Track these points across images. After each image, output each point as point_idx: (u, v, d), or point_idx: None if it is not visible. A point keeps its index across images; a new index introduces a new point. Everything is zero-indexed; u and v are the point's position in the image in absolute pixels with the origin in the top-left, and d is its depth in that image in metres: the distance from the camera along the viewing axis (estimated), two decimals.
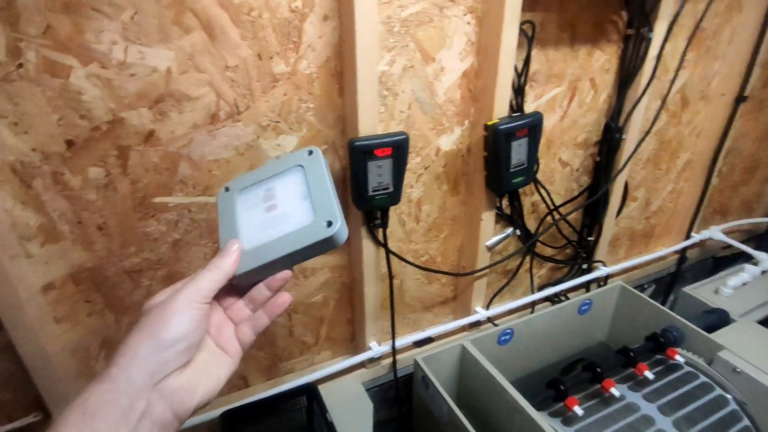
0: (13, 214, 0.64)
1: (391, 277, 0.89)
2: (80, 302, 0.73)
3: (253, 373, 0.94)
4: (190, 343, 0.41)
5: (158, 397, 0.38)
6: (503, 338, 1.04)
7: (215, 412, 0.83)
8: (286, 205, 0.49)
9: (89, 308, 0.74)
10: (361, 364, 1.02)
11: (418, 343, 1.07)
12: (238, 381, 0.93)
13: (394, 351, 0.96)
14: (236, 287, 0.49)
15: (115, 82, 0.63)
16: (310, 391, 0.88)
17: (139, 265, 0.74)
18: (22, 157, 0.62)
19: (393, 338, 0.95)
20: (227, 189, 0.54)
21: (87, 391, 0.36)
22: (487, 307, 1.11)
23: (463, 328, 1.12)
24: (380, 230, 0.84)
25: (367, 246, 0.85)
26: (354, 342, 1.01)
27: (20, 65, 0.58)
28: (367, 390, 0.99)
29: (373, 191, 0.74)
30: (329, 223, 0.46)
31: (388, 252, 0.85)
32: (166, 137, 0.69)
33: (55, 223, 0.67)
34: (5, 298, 0.64)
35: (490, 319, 1.12)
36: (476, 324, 1.11)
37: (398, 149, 0.73)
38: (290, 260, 0.46)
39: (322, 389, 0.91)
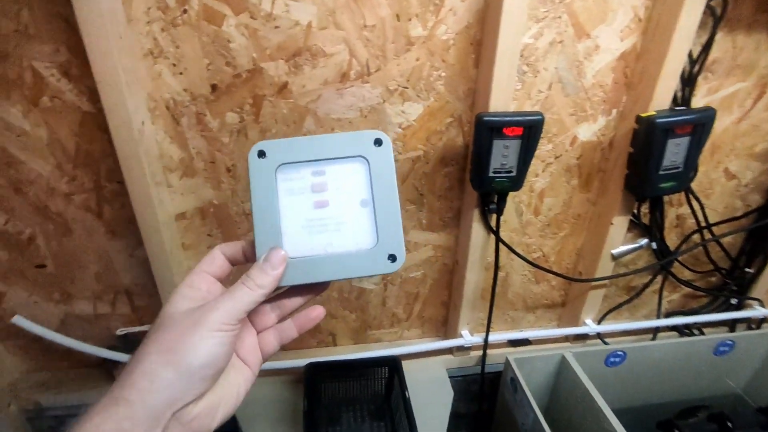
0: (162, 146, 0.71)
1: (497, 267, 0.83)
2: (203, 234, 0.80)
3: (342, 334, 0.96)
4: (217, 369, 0.35)
5: (177, 425, 0.33)
6: (612, 359, 0.92)
7: (301, 362, 0.87)
8: (340, 207, 0.40)
9: (209, 241, 0.81)
10: (449, 350, 0.99)
11: (514, 343, 1.01)
12: (326, 338, 0.96)
13: (486, 344, 0.91)
14: None
15: (260, 32, 0.66)
16: (393, 363, 0.87)
17: None
18: (175, 95, 0.69)
19: (487, 331, 0.90)
20: (262, 154, 0.40)
21: (100, 414, 0.31)
22: (599, 322, 0.99)
23: (566, 338, 1.02)
24: (494, 216, 0.78)
25: (477, 230, 0.81)
26: (445, 326, 0.98)
27: (185, 11, 0.63)
28: (450, 378, 0.96)
29: (494, 172, 0.69)
30: (392, 258, 0.39)
31: (499, 240, 0.80)
32: (297, 91, 0.70)
33: (193, 159, 0.73)
34: (148, 218, 0.72)
35: (600, 336, 1.00)
36: (582, 337, 1.00)
37: (530, 130, 0.66)
38: (335, 280, 0.40)
39: (405, 365, 0.90)
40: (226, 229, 0.80)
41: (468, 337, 0.92)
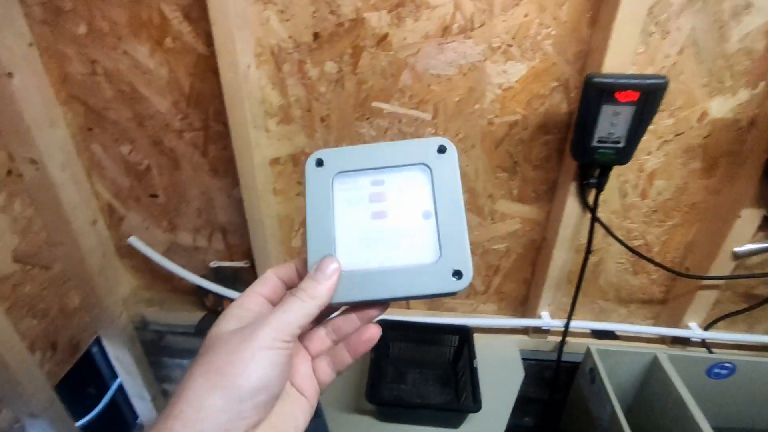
0: (264, 92, 0.74)
1: (588, 248, 0.76)
2: (293, 182, 0.83)
3: (416, 301, 0.96)
4: (272, 394, 0.31)
5: None
6: (717, 371, 0.82)
7: None
8: (400, 218, 0.37)
9: (298, 189, 0.84)
10: (524, 331, 0.94)
11: (598, 334, 0.93)
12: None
13: (566, 330, 0.85)
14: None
15: None
16: (464, 332, 0.85)
17: None
18: (280, 42, 0.71)
19: (569, 316, 0.84)
20: (320, 162, 0.39)
21: None
22: (706, 328, 0.88)
23: (661, 339, 0.92)
24: (592, 192, 0.71)
25: (571, 205, 0.74)
26: (524, 305, 0.94)
27: None
28: (522, 360, 0.92)
29: (599, 142, 0.62)
30: (458, 275, 0.34)
31: (595, 218, 0.73)
32: (398, 43, 0.69)
33: (290, 106, 0.76)
34: (245, 161, 0.76)
35: (705, 343, 0.89)
36: (682, 341, 0.89)
37: (648, 97, 0.59)
38: (395, 299, 0.36)
39: (476, 339, 0.87)
40: None
41: (547, 319, 0.87)
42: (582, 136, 0.63)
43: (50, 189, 0.77)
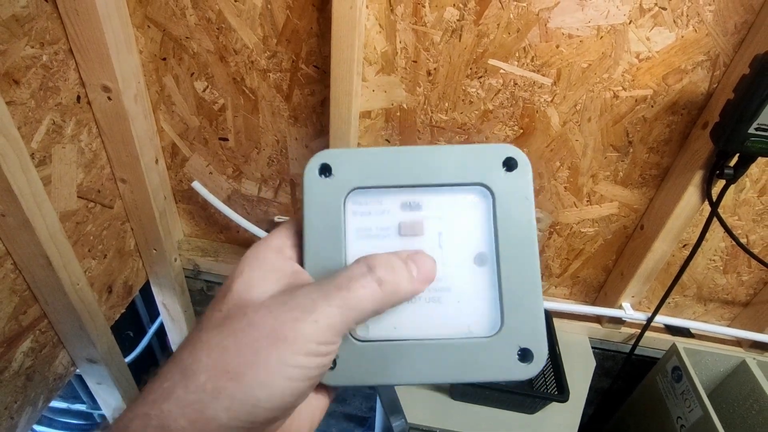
0: (369, 35, 0.66)
1: (698, 244, 0.71)
2: (381, 138, 0.77)
3: None
4: (290, 411, 0.23)
5: None
6: None
7: None
8: (443, 263, 0.26)
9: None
10: (597, 319, 0.90)
11: (672, 330, 0.90)
12: None
13: (649, 323, 0.81)
14: None
15: None
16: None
17: (444, 123, 0.73)
18: None
19: (656, 309, 0.80)
20: (326, 170, 0.27)
21: None
22: None
23: (737, 342, 0.89)
24: (721, 183, 0.65)
25: (691, 195, 0.69)
26: (600, 293, 0.90)
27: None
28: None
29: (758, 129, 0.56)
30: (526, 356, 0.25)
31: (715, 214, 0.67)
32: None
33: (396, 55, 0.68)
34: (342, 109, 0.69)
35: None
36: (764, 346, 0.86)
37: None
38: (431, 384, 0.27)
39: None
40: (406, 138, 0.76)
41: (629, 310, 0.83)
42: (737, 120, 0.56)
43: (122, 121, 0.70)
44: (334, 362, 0.25)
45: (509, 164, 0.26)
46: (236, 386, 0.20)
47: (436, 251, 0.26)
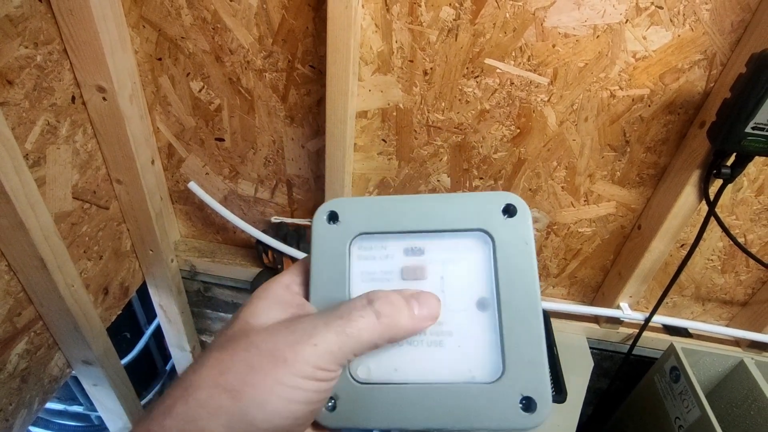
0: (365, 34, 0.66)
1: (696, 243, 0.71)
2: (377, 138, 0.77)
3: None
4: None
5: None
6: None
7: None
8: (445, 309, 0.27)
9: (382, 147, 0.77)
10: (595, 319, 0.90)
11: (670, 329, 0.89)
12: None
13: (647, 323, 0.81)
14: None
15: None
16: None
17: (440, 123, 0.73)
18: None
19: (654, 309, 0.80)
20: (333, 217, 0.28)
21: None
22: None
23: (735, 341, 0.89)
24: (718, 182, 0.65)
25: (688, 195, 0.68)
26: (598, 293, 0.89)
27: None
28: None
29: (755, 128, 0.56)
30: (527, 404, 0.24)
31: (712, 213, 0.67)
32: None
33: (392, 54, 0.68)
34: (338, 109, 0.69)
35: None
36: (762, 346, 0.86)
37: None
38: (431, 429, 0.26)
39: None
40: (402, 138, 0.75)
41: (627, 310, 0.82)
42: (735, 119, 0.56)
43: (118, 122, 0.69)
44: (335, 404, 0.25)
45: (509, 210, 0.27)
46: (234, 404, 0.20)
47: (439, 295, 0.27)
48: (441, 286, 0.27)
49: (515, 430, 0.24)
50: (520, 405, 0.24)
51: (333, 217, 0.28)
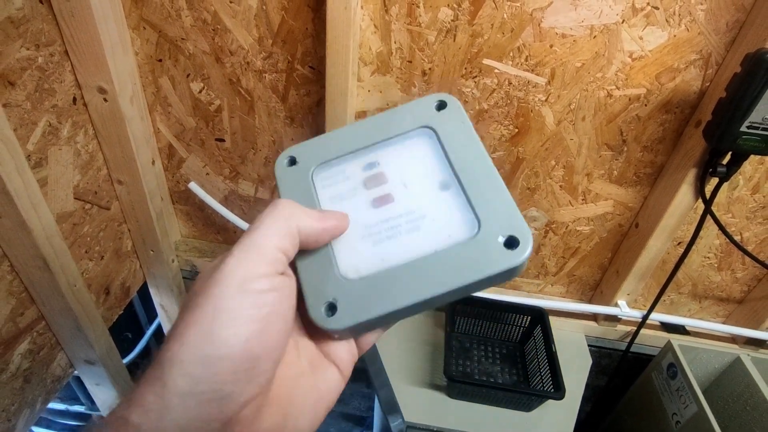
0: (364, 35, 0.67)
1: (692, 242, 0.71)
2: None
3: None
4: (256, 356, 0.21)
5: None
6: None
7: None
8: (412, 197, 0.29)
9: None
10: (593, 317, 0.91)
11: (667, 327, 0.90)
12: None
13: (644, 321, 0.82)
14: None
15: None
16: (539, 314, 0.82)
17: None
18: None
19: (652, 307, 0.80)
20: (293, 161, 0.32)
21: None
22: None
23: (732, 338, 0.89)
24: (714, 181, 0.66)
25: (684, 193, 0.69)
26: (596, 290, 0.90)
27: None
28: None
29: (749, 127, 0.56)
30: (511, 243, 0.25)
31: (708, 212, 0.68)
32: None
33: (391, 55, 0.68)
34: (338, 110, 0.69)
35: None
36: (758, 342, 0.87)
37: None
38: (432, 303, 0.26)
39: None
40: None
41: (625, 308, 0.83)
42: (730, 118, 0.57)
43: (119, 122, 0.70)
44: (335, 306, 0.26)
45: (441, 105, 0.31)
46: (182, 348, 0.20)
47: (403, 190, 0.29)
48: (403, 182, 0.29)
49: (508, 269, 0.25)
50: (504, 245, 0.25)
51: (292, 162, 0.32)
